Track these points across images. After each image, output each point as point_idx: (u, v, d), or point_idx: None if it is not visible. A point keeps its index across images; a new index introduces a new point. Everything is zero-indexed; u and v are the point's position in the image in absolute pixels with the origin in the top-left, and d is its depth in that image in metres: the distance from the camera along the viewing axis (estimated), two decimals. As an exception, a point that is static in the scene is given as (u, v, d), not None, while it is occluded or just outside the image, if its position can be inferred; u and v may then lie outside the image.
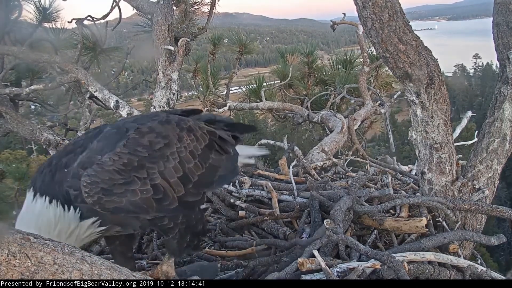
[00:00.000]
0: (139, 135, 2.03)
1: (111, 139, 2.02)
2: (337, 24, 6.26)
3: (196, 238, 2.29)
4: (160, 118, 2.20)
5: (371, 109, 5.95)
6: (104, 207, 1.88)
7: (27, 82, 5.43)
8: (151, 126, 2.10)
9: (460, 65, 77.53)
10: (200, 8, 5.52)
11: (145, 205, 1.94)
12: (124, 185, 1.89)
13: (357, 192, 2.89)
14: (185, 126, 2.21)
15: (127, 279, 1.65)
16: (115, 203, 1.88)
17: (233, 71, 6.56)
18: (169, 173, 2.02)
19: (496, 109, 2.92)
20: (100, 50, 5.48)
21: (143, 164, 1.96)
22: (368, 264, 2.15)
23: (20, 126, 4.87)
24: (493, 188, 3.00)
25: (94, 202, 1.86)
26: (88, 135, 2.20)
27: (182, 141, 2.14)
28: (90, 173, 1.87)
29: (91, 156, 1.95)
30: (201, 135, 2.25)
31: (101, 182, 1.86)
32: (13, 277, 1.35)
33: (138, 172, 1.93)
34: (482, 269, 2.49)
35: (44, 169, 2.07)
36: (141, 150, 1.98)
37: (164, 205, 2.00)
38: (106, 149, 1.96)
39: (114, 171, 1.89)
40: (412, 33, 2.58)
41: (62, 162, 2.02)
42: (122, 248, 2.33)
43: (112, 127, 2.15)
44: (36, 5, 5.25)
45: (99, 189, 1.85)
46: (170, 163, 2.04)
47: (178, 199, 2.03)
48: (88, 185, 1.85)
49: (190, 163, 2.12)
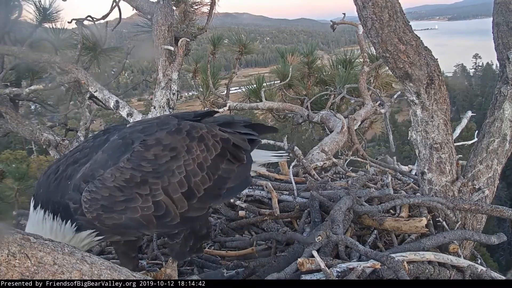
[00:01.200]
0: (145, 148, 1.97)
1: (116, 152, 1.97)
2: (337, 24, 6.25)
3: (199, 242, 2.27)
4: (170, 126, 2.11)
5: (371, 109, 5.95)
6: (103, 223, 1.87)
7: (27, 82, 5.43)
8: (158, 137, 2.02)
9: (460, 65, 77.50)
10: (200, 8, 5.52)
11: (145, 222, 1.90)
12: (124, 202, 1.86)
13: (357, 192, 2.89)
14: (196, 135, 2.12)
15: (127, 279, 1.65)
16: (115, 220, 1.86)
17: (233, 71, 6.56)
18: (173, 189, 1.95)
19: (496, 109, 2.92)
20: (100, 50, 5.48)
21: (146, 179, 1.90)
22: (368, 264, 2.15)
23: (20, 126, 4.88)
24: (493, 188, 3.00)
25: (94, 218, 1.85)
26: (95, 143, 2.14)
27: (191, 152, 2.06)
28: (91, 188, 1.84)
29: (93, 169, 1.92)
30: (213, 144, 2.16)
31: (101, 199, 1.83)
32: (13, 277, 1.35)
33: (140, 188, 1.88)
34: (482, 269, 2.49)
35: (50, 175, 2.05)
36: (145, 164, 1.92)
37: (165, 222, 1.94)
38: (110, 162, 1.93)
39: (115, 187, 1.85)
40: (412, 33, 2.58)
41: (67, 173, 2.00)
42: (125, 248, 2.32)
43: (119, 136, 2.08)
44: (36, 5, 5.25)
45: (99, 206, 1.83)
46: (175, 177, 1.97)
47: (180, 215, 1.97)
48: (88, 201, 1.83)
49: (197, 177, 2.04)
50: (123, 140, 2.04)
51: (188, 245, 2.20)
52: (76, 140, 4.91)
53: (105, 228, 1.92)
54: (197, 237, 2.22)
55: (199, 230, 2.21)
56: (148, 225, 1.91)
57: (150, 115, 4.53)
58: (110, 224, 1.87)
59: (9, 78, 5.29)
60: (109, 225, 1.87)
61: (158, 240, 3.13)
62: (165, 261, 2.81)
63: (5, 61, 5.23)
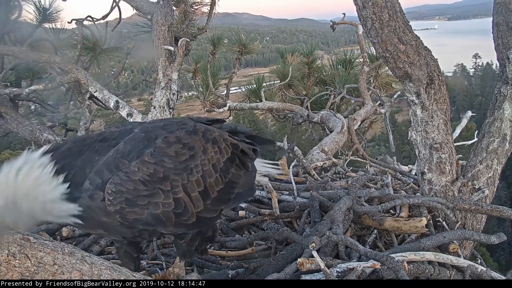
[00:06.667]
0: (166, 144, 1.97)
1: (138, 144, 1.97)
2: (337, 24, 6.25)
3: (204, 243, 2.27)
4: (188, 127, 2.13)
5: (371, 109, 5.95)
6: (125, 218, 1.83)
7: (27, 82, 5.44)
8: (178, 135, 2.04)
9: (460, 65, 77.56)
10: (200, 8, 5.52)
11: (165, 219, 1.89)
12: (148, 197, 1.85)
13: (357, 192, 2.89)
14: (210, 138, 2.14)
15: (127, 279, 1.65)
16: (137, 215, 1.84)
17: (233, 71, 6.56)
18: (191, 187, 1.97)
19: (496, 109, 2.92)
20: (100, 50, 5.49)
21: (168, 175, 1.91)
22: (368, 264, 2.15)
23: (20, 126, 4.88)
24: (493, 188, 3.00)
25: (116, 211, 1.81)
26: (122, 129, 2.13)
27: (207, 153, 2.08)
28: (116, 181, 1.82)
29: (116, 158, 1.90)
30: (225, 148, 2.18)
31: (126, 192, 1.81)
32: (13, 277, 1.36)
33: (162, 184, 1.88)
34: (482, 269, 2.49)
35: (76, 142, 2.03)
36: (167, 160, 1.93)
37: (182, 220, 1.94)
38: (132, 153, 1.91)
39: (140, 181, 1.84)
40: (412, 33, 2.58)
41: (95, 146, 1.97)
42: (127, 248, 2.32)
43: (141, 130, 2.08)
44: (36, 5, 5.27)
45: (124, 199, 1.80)
46: (193, 176, 1.98)
47: (196, 214, 1.98)
48: (113, 193, 1.80)
49: (212, 177, 2.06)
50: (146, 134, 2.04)
51: (194, 245, 2.21)
52: (76, 140, 4.90)
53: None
54: (204, 238, 2.23)
55: (206, 232, 2.23)
56: (167, 222, 1.91)
57: (150, 115, 4.53)
58: (131, 219, 1.84)
59: (9, 78, 5.30)
60: (130, 220, 1.84)
61: (158, 240, 3.13)
62: (165, 261, 2.81)
63: (5, 61, 5.24)
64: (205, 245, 2.30)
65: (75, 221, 1.89)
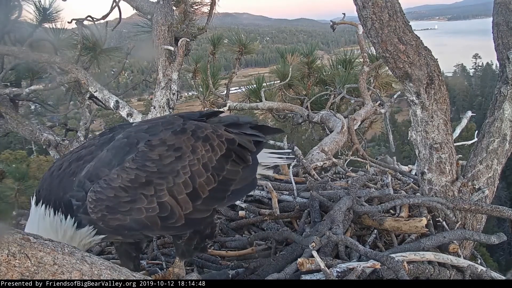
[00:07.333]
0: (149, 148, 1.96)
1: (120, 151, 1.97)
2: (337, 24, 6.25)
3: (203, 241, 2.26)
4: (175, 126, 2.10)
5: (371, 109, 5.95)
6: (107, 224, 1.86)
7: (27, 82, 5.43)
8: (163, 137, 2.02)
9: (460, 65, 77.57)
10: (200, 8, 5.52)
11: (150, 223, 1.89)
12: (129, 203, 1.85)
13: (357, 192, 2.89)
14: (201, 135, 2.11)
15: (127, 279, 1.65)
16: (119, 221, 1.85)
17: (233, 71, 6.56)
18: (178, 190, 1.94)
19: (496, 109, 2.93)
20: (100, 50, 5.48)
21: (151, 180, 1.89)
22: (368, 264, 2.15)
23: (20, 126, 4.88)
24: (493, 188, 3.00)
25: (98, 219, 1.84)
26: (101, 140, 2.13)
27: (196, 152, 2.04)
28: (96, 189, 1.84)
29: (97, 168, 1.92)
30: (218, 144, 2.14)
31: (107, 200, 1.82)
32: (13, 277, 1.35)
33: (145, 189, 1.88)
34: (482, 269, 2.49)
35: (53, 172, 2.05)
36: (150, 165, 1.91)
37: (170, 223, 1.93)
38: (114, 161, 1.92)
39: (120, 188, 1.84)
40: (412, 33, 2.58)
41: (71, 169, 1.99)
42: (128, 248, 2.32)
43: (124, 135, 2.08)
44: (36, 5, 5.26)
45: (104, 206, 1.82)
46: (180, 178, 1.96)
47: (184, 217, 1.95)
48: (94, 202, 1.83)
49: (202, 177, 2.02)
50: (128, 139, 2.04)
51: (193, 244, 2.20)
52: (76, 140, 4.91)
53: (108, 229, 1.91)
54: (202, 236, 2.21)
55: (203, 230, 2.21)
56: (152, 226, 1.90)
57: (150, 115, 4.53)
58: (114, 225, 1.86)
59: (9, 78, 5.29)
60: (113, 226, 1.86)
61: (158, 240, 3.13)
62: (165, 261, 2.81)
63: (5, 61, 5.23)
64: (204, 243, 2.28)
65: (99, 237, 1.97)
